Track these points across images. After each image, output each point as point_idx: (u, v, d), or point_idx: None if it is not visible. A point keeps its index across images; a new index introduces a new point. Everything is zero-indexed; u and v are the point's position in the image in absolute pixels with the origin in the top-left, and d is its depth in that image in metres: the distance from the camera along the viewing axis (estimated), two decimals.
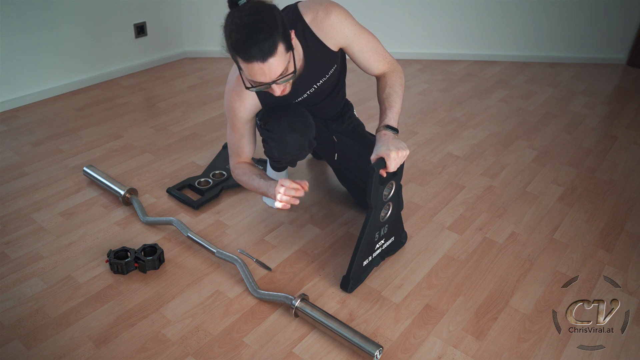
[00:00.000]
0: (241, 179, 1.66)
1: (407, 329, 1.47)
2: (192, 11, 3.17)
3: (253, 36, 1.22)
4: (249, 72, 1.29)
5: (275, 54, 1.26)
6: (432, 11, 3.31)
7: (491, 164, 2.30)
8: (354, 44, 1.53)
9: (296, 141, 1.62)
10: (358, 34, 1.52)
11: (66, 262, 1.65)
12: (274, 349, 1.39)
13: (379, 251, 1.64)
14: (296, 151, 1.66)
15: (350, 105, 1.89)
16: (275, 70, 1.29)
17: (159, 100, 2.78)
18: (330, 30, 1.48)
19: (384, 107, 1.56)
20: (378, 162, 1.42)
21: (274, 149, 1.64)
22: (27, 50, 2.56)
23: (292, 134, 1.60)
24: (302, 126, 1.62)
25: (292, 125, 1.60)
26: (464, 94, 3.00)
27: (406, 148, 1.46)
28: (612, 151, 2.45)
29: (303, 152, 1.69)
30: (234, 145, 1.65)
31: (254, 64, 1.25)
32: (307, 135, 1.64)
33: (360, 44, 1.54)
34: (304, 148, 1.66)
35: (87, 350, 1.36)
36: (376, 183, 1.44)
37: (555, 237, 1.86)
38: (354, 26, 1.51)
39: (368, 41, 1.55)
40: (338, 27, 1.48)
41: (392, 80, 1.59)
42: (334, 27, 1.47)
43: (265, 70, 1.27)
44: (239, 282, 1.60)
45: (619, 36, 3.44)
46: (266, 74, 1.28)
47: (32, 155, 2.22)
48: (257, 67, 1.26)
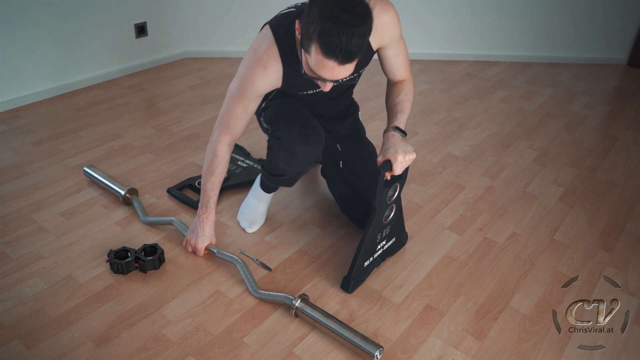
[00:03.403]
0: (211, 168, 1.57)
1: (407, 329, 1.47)
2: (192, 11, 3.17)
3: (347, 37, 1.15)
4: (317, 64, 1.22)
5: (354, 61, 1.22)
6: (433, 12, 3.31)
7: (491, 164, 2.30)
8: (393, 47, 1.51)
9: (306, 154, 1.56)
10: (400, 38, 1.51)
11: (66, 262, 1.65)
12: (274, 349, 1.39)
13: (380, 252, 1.64)
14: (304, 164, 1.60)
15: (356, 107, 1.83)
16: (345, 73, 1.25)
17: (160, 100, 2.78)
18: (383, 28, 1.41)
19: (394, 110, 1.54)
20: (384, 165, 1.42)
21: (280, 159, 1.57)
22: (28, 50, 2.56)
23: (303, 146, 1.54)
24: (314, 139, 1.56)
25: (304, 137, 1.54)
26: (464, 94, 3.00)
27: (413, 152, 1.45)
28: (612, 151, 2.45)
29: (309, 166, 1.64)
30: (231, 118, 1.51)
31: (331, 61, 1.19)
32: (317, 148, 1.58)
33: (398, 49, 1.53)
34: (311, 162, 1.61)
35: (87, 350, 1.36)
36: (381, 185, 1.44)
37: (555, 238, 1.86)
38: (400, 30, 1.49)
39: (404, 47, 1.55)
40: (390, 26, 1.44)
41: (408, 88, 1.58)
42: (387, 25, 1.43)
43: (337, 71, 1.23)
44: (239, 282, 1.60)
45: (619, 36, 3.45)
46: (335, 75, 1.24)
47: (32, 155, 2.22)
48: (330, 65, 1.21)
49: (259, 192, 1.81)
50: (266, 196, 1.82)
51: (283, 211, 1.93)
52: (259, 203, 1.82)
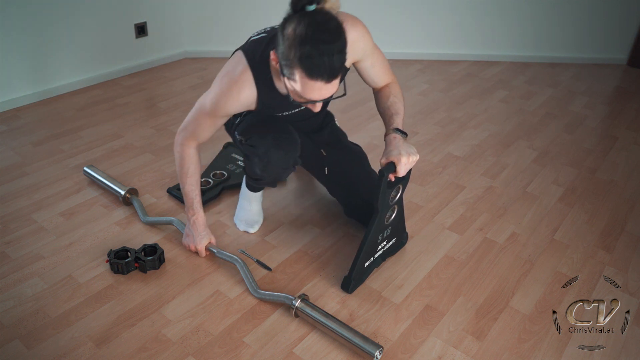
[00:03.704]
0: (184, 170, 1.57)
1: (407, 329, 1.47)
2: (192, 11, 3.17)
3: (328, 55, 1.16)
4: (304, 89, 1.22)
5: (339, 76, 1.21)
6: (433, 12, 3.31)
7: (491, 164, 2.30)
8: (368, 58, 1.51)
9: (281, 158, 1.56)
10: (373, 50, 1.50)
11: (66, 262, 1.65)
12: (274, 349, 1.39)
13: (381, 252, 1.64)
14: (280, 169, 1.60)
15: (331, 116, 1.84)
16: (332, 90, 1.24)
17: (160, 100, 2.78)
18: (352, 44, 1.38)
19: (389, 112, 1.54)
20: (388, 166, 1.42)
21: (256, 166, 1.59)
22: (28, 51, 2.56)
23: (277, 151, 1.54)
24: (288, 143, 1.56)
25: (278, 142, 1.54)
26: (464, 94, 3.00)
27: (416, 153, 1.45)
28: (612, 152, 2.45)
29: (287, 171, 1.64)
30: (197, 128, 1.52)
31: (317, 82, 1.19)
32: (293, 153, 1.58)
33: (373, 59, 1.52)
34: (288, 167, 1.61)
35: (87, 350, 1.36)
36: (384, 187, 1.45)
37: (555, 238, 1.86)
38: (371, 41, 1.48)
39: (379, 56, 1.54)
40: (360, 41, 1.43)
41: (395, 90, 1.58)
42: (356, 41, 1.41)
43: (324, 90, 1.22)
44: (239, 282, 1.60)
45: (619, 36, 3.45)
46: (322, 94, 1.23)
47: (32, 155, 2.22)
48: (317, 86, 1.21)
49: (248, 193, 1.82)
50: (256, 195, 1.83)
51: (283, 211, 1.93)
52: (251, 203, 1.83)
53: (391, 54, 3.33)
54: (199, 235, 1.66)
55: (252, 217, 1.83)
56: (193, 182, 1.61)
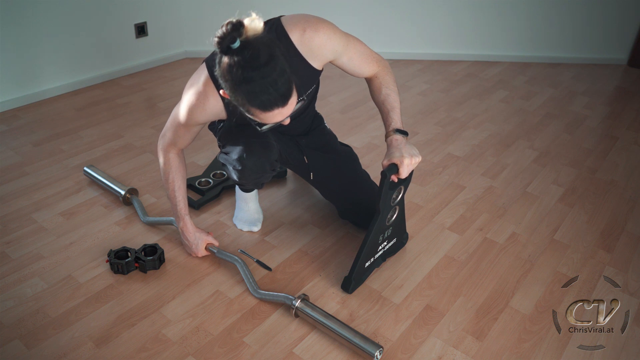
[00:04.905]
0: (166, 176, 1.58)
1: (407, 329, 1.47)
2: (192, 11, 3.17)
3: (272, 86, 1.14)
4: (265, 119, 1.22)
5: (293, 94, 1.20)
6: (433, 12, 3.31)
7: (491, 164, 2.30)
8: (342, 55, 1.46)
9: (254, 164, 1.53)
10: (346, 45, 1.44)
11: (66, 262, 1.65)
12: (274, 349, 1.39)
13: (381, 252, 1.64)
14: (255, 175, 1.57)
15: (320, 118, 1.81)
16: (292, 107, 1.23)
17: (160, 100, 2.78)
18: (319, 48, 1.38)
19: (385, 109, 1.51)
20: (390, 168, 1.42)
21: (232, 173, 1.58)
22: (28, 50, 2.56)
23: (250, 157, 1.52)
24: (261, 148, 1.54)
25: (250, 147, 1.52)
26: (465, 94, 3.00)
27: (419, 154, 1.44)
28: (612, 152, 2.45)
29: (264, 175, 1.61)
30: (174, 136, 1.52)
31: (274, 110, 1.19)
32: (267, 157, 1.55)
33: (349, 54, 1.46)
34: (264, 171, 1.58)
35: (87, 350, 1.36)
36: (387, 188, 1.45)
37: (555, 238, 1.86)
38: (342, 38, 1.43)
39: (355, 48, 1.47)
40: (327, 43, 1.39)
41: (386, 80, 1.54)
42: (322, 45, 1.38)
43: (284, 111, 1.21)
44: (239, 282, 1.60)
45: (620, 37, 3.44)
46: (284, 114, 1.22)
47: (32, 155, 2.22)
48: (275, 112, 1.20)
49: (241, 193, 1.82)
50: (250, 194, 1.82)
51: (283, 211, 1.93)
52: (247, 203, 1.83)
53: (391, 54, 3.32)
54: (192, 243, 1.66)
55: (251, 216, 1.83)
56: (175, 187, 1.60)
